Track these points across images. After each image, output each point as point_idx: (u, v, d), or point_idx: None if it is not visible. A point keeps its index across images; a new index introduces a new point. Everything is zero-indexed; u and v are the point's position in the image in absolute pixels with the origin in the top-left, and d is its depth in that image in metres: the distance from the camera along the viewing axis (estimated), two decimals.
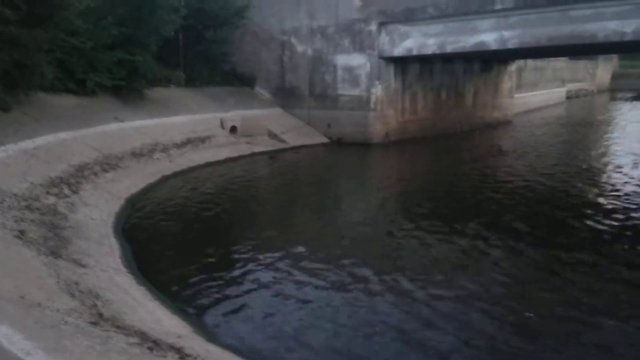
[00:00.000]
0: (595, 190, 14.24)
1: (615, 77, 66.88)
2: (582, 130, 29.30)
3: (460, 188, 14.82)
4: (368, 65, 22.06)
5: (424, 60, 23.32)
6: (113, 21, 17.08)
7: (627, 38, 16.64)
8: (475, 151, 22.04)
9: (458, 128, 26.20)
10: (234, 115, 21.22)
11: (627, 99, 49.78)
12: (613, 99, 53.37)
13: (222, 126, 20.38)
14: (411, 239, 10.31)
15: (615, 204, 12.40)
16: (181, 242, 10.29)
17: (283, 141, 21.68)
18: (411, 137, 23.49)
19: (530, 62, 38.50)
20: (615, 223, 10.92)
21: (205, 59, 23.66)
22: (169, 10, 18.98)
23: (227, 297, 7.56)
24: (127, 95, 18.42)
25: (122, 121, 16.92)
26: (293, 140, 22.09)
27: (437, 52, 20.82)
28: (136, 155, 15.62)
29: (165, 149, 16.93)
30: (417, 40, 20.91)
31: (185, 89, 21.92)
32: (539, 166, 17.65)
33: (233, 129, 20.60)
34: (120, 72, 17.78)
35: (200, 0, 22.32)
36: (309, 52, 23.81)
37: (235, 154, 19.08)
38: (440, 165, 19.31)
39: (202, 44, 23.01)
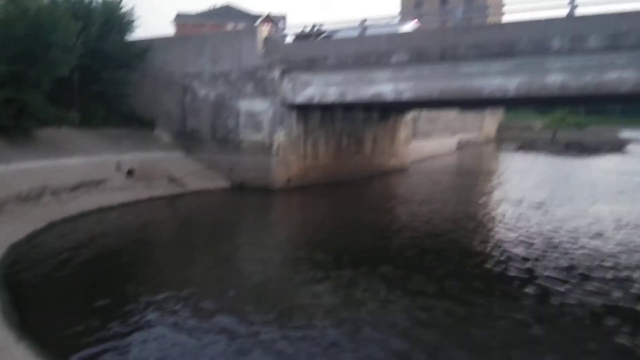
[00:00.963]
0: (475, 238, 14.91)
1: (500, 128, 72.41)
2: (471, 179, 31.04)
3: (353, 237, 14.94)
4: (271, 111, 22.29)
5: (326, 108, 23.88)
6: (2, 58, 16.21)
7: (510, 94, 18.10)
8: (372, 199, 22.74)
9: (358, 174, 26.89)
10: (132, 158, 20.55)
11: (511, 149, 53.68)
12: (499, 149, 57.33)
13: (118, 169, 19.62)
14: (296, 288, 10.37)
15: (492, 254, 12.96)
16: (67, 293, 9.66)
17: (183, 185, 21.22)
18: (313, 183, 23.79)
19: (424, 113, 40.55)
20: (489, 269, 11.59)
21: (102, 99, 22.91)
22: (63, 50, 18.31)
23: (116, 354, 7.13)
24: (13, 135, 17.35)
25: (7, 163, 15.86)
26: (194, 184, 21.68)
27: (338, 101, 21.47)
28: (22, 199, 14.67)
29: (55, 193, 16.01)
30: (318, 88, 21.49)
31: (79, 130, 21.00)
32: (430, 214, 18.43)
33: (130, 172, 19.90)
34: (7, 111, 16.78)
35: (97, 41, 21.76)
36: (212, 96, 23.74)
37: (131, 199, 18.34)
38: (338, 212, 19.56)
39: (99, 85, 22.34)
